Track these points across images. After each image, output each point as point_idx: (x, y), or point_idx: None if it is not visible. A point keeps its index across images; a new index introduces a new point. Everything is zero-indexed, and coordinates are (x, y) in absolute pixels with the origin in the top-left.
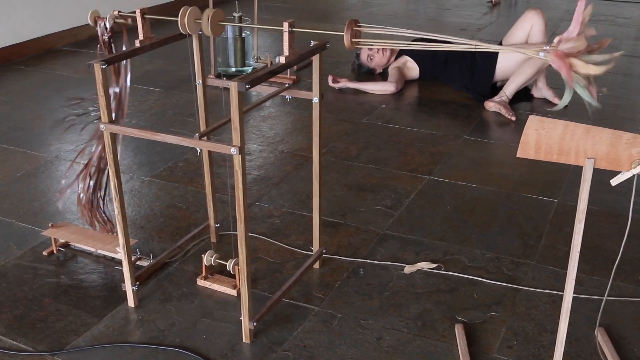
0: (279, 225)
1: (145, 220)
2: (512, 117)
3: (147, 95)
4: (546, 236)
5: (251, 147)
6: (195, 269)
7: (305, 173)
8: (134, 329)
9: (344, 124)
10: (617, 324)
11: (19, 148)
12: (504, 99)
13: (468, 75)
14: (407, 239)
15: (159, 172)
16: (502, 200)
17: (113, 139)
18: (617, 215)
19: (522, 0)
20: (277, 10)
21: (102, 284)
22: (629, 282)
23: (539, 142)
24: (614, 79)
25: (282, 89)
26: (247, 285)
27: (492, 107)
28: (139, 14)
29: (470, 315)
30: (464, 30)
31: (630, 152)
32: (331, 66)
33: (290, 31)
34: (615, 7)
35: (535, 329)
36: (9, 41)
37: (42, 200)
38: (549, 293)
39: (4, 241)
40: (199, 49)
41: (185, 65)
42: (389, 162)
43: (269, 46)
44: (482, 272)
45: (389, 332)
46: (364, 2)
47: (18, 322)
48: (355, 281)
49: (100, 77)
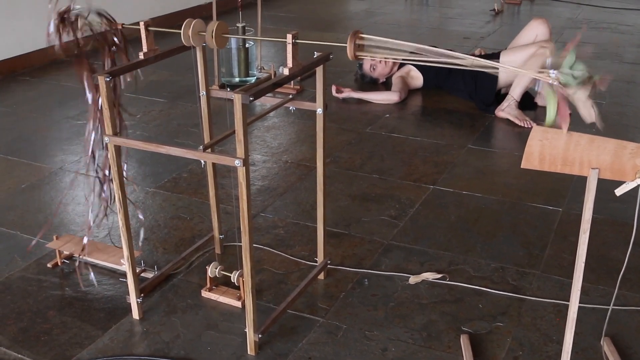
0: (283, 236)
1: (150, 232)
2: (528, 124)
3: (151, 106)
4: (551, 245)
5: (255, 158)
6: (199, 280)
7: (309, 183)
8: (139, 342)
9: (347, 133)
10: (623, 333)
11: (23, 159)
12: (511, 102)
13: (471, 84)
14: (411, 249)
15: (163, 183)
16: (506, 209)
17: (117, 151)
18: (622, 223)
19: (525, 9)
20: (280, 20)
21: (107, 296)
22: (634, 291)
23: (543, 152)
24: (617, 87)
25: (286, 100)
26: (251, 297)
27: (503, 115)
28: (142, 27)
29: (476, 326)
30: (467, 38)
31: (635, 162)
32: (335, 76)
33: (294, 43)
34: (618, 15)
35: (541, 339)
36: (13, 52)
37: (46, 212)
38: (555, 303)
39: (8, 253)
40: (202, 61)
41: (189, 76)
42: (393, 171)
43: (272, 56)
44: (487, 282)
45: (394, 343)
46: (367, 12)
47: (23, 335)
48: (360, 292)
49: (104, 89)
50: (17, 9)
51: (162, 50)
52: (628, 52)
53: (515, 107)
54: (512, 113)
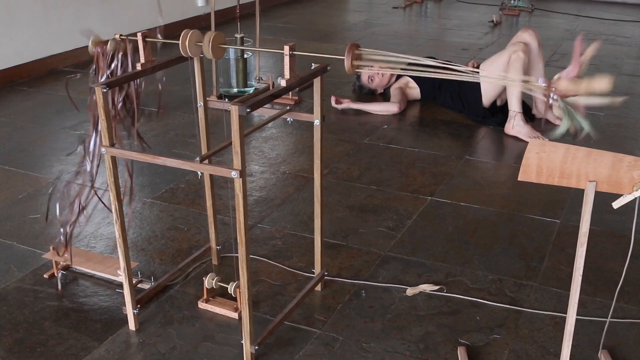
0: (280, 247)
1: (147, 243)
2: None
3: (149, 116)
4: (549, 257)
5: (253, 169)
6: (196, 291)
7: (307, 194)
8: (135, 353)
9: (345, 144)
10: (621, 346)
11: (20, 170)
12: (516, 117)
13: (459, 102)
14: (409, 261)
15: (160, 193)
16: (504, 221)
17: (114, 162)
18: (620, 236)
19: (524, 20)
20: (279, 31)
21: (103, 307)
22: (632, 303)
23: (540, 165)
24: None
25: (283, 111)
26: (248, 309)
27: (513, 133)
28: (140, 38)
29: (473, 338)
30: (466, 50)
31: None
32: (333, 86)
33: (291, 54)
34: (615, 26)
35: (539, 352)
36: (11, 62)
37: (43, 223)
38: (552, 315)
39: (4, 264)
40: (200, 71)
41: (187, 86)
42: (391, 183)
43: (271, 67)
44: (484, 294)
45: (391, 355)
46: (366, 23)
47: (18, 346)
48: (357, 304)
49: (101, 100)
50: (15, 19)
51: (160, 61)
52: (626, 64)
53: (524, 123)
54: (522, 131)
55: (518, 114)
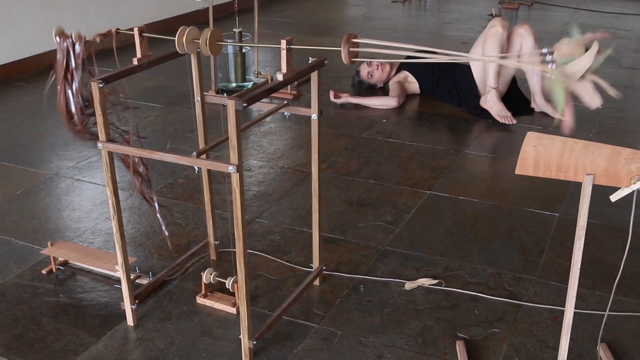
0: (279, 241)
1: (145, 238)
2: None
3: (147, 112)
4: (547, 251)
5: (251, 163)
6: (194, 286)
7: (305, 189)
8: (133, 348)
9: (344, 139)
10: (619, 339)
11: (19, 165)
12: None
13: (455, 95)
14: (407, 255)
15: (158, 188)
16: (503, 215)
17: (111, 157)
18: (619, 229)
19: (523, 14)
20: (277, 25)
21: (101, 302)
22: (631, 296)
23: (538, 158)
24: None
25: (281, 105)
26: (246, 304)
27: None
28: (136, 32)
29: (472, 332)
30: (465, 43)
31: (630, 168)
32: (332, 81)
33: (288, 49)
34: (615, 20)
35: (537, 345)
36: (10, 58)
37: (41, 218)
38: (551, 309)
39: (2, 260)
40: (197, 67)
41: (186, 81)
42: (390, 177)
43: (270, 61)
44: (483, 288)
45: (390, 349)
46: (365, 17)
47: (16, 342)
48: (356, 298)
49: (97, 96)
50: (14, 15)
51: (157, 56)
52: (626, 57)
53: (498, 100)
54: (493, 107)
55: (492, 89)
